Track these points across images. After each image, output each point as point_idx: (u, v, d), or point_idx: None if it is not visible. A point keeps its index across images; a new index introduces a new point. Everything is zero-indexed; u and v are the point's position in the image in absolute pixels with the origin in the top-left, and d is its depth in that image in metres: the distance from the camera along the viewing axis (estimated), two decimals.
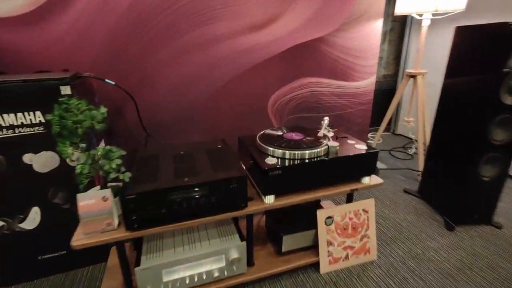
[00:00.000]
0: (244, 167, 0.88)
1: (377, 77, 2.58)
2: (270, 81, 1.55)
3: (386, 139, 2.43)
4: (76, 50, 1.10)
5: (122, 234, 0.72)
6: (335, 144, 0.90)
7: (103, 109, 0.75)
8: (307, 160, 0.85)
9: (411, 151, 2.12)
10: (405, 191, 1.54)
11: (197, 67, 1.34)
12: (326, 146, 0.90)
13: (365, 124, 1.92)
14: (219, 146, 0.98)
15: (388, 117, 1.89)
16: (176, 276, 0.82)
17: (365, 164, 0.93)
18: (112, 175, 0.73)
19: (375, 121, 2.61)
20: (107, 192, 0.72)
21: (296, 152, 0.86)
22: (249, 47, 1.40)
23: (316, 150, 0.87)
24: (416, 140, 2.20)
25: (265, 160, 0.84)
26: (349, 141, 1.00)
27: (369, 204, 1.05)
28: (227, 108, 1.49)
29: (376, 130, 2.55)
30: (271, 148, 0.88)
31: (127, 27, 1.16)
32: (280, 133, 1.01)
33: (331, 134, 1.05)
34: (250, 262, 0.95)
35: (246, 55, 1.40)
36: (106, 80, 1.03)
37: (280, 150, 0.87)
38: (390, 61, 2.62)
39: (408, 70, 1.70)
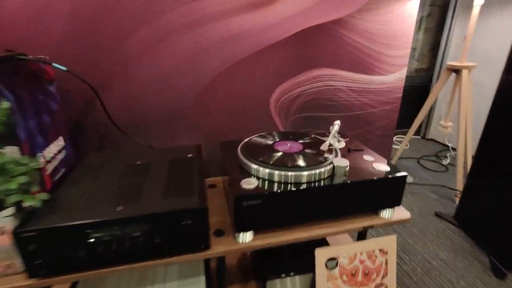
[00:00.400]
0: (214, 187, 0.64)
1: (407, 71, 2.22)
2: (274, 72, 1.28)
3: (415, 144, 2.08)
4: (35, 30, 0.90)
5: (25, 282, 0.51)
6: (344, 163, 0.63)
7: (4, 104, 0.53)
8: (303, 185, 0.60)
9: (446, 161, 1.77)
10: (438, 215, 1.24)
11: (182, 54, 1.10)
12: (332, 165, 0.63)
13: (390, 127, 1.59)
14: (189, 156, 0.74)
15: (420, 120, 1.56)
16: None
17: (387, 192, 0.65)
18: (14, 199, 0.52)
19: (402, 122, 2.27)
20: (6, 222, 0.51)
21: (288, 173, 0.60)
22: (247, 29, 1.13)
23: (316, 171, 0.61)
24: (454, 149, 1.84)
25: (241, 183, 0.59)
26: (366, 157, 0.72)
27: (389, 242, 0.77)
28: (220, 105, 1.24)
29: (402, 133, 2.21)
30: (254, 166, 0.63)
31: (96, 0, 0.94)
32: (270, 141, 0.75)
33: (341, 144, 0.78)
34: None
35: (244, 40, 1.14)
36: (55, 64, 0.82)
37: (265, 169, 0.62)
38: (424, 53, 2.24)
39: (450, 63, 1.36)
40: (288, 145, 0.72)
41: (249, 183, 0.60)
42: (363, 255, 0.76)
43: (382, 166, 0.67)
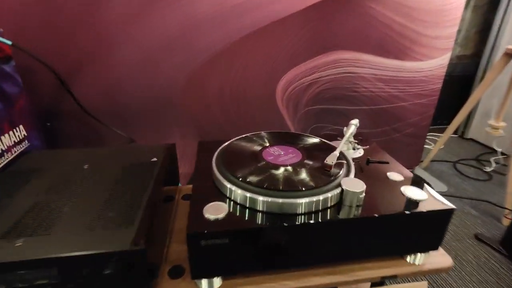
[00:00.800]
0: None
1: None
2: (282, 55, 1.06)
3: (451, 145, 1.79)
4: None
5: None
6: (358, 187, 0.42)
7: None
8: (294, 219, 0.40)
9: (490, 168, 1.48)
10: (479, 239, 0.99)
11: (170, 30, 0.91)
12: (340, 189, 0.43)
13: (423, 125, 1.34)
14: (152, 160, 0.56)
15: (463, 116, 1.29)
16: None
17: (421, 231, 0.44)
18: None
19: (437, 117, 1.97)
20: None
21: (274, 200, 0.41)
22: (248, 0, 0.92)
23: (313, 199, 0.41)
24: (505, 155, 1.54)
25: (204, 210, 0.41)
26: (392, 175, 0.51)
27: None
28: (215, 93, 1.05)
29: (436, 131, 1.91)
30: (227, 184, 0.44)
31: None
32: (258, 146, 0.56)
33: (357, 154, 0.57)
34: None
35: (246, 14, 0.93)
36: None
37: (239, 190, 0.43)
38: (470, 36, 1.90)
39: (510, 47, 1.07)
40: (282, 152, 0.53)
41: (216, 211, 0.41)
42: None
43: (415, 192, 0.46)
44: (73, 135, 0.97)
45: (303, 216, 0.41)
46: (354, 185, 0.43)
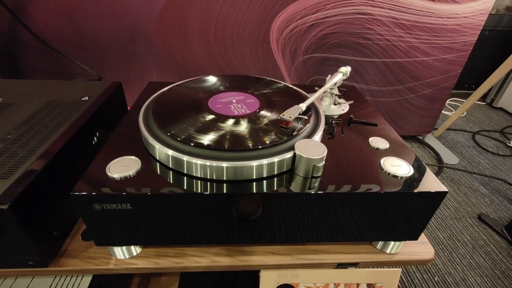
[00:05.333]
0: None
1: (496, 8, 1.58)
2: None
3: (475, 113, 1.58)
4: None
5: None
6: (316, 152, 0.31)
7: None
8: (224, 186, 0.30)
9: None
10: (481, 220, 0.88)
11: None
12: (292, 153, 0.32)
13: (445, 87, 1.15)
14: (82, 99, 0.46)
15: (495, 81, 1.09)
16: None
17: (399, 216, 0.34)
18: None
19: (464, 81, 1.72)
20: None
21: (200, 161, 0.30)
22: None
23: (253, 164, 0.30)
24: None
25: (108, 166, 0.32)
26: (375, 142, 0.38)
27: (388, 277, 0.48)
28: (195, 30, 0.90)
29: (461, 96, 1.69)
30: (149, 137, 0.34)
31: None
32: (209, 91, 0.43)
33: (340, 111, 0.45)
34: None
35: None
36: None
37: (159, 146, 0.32)
38: None
39: None
40: (234, 100, 0.40)
41: (124, 167, 0.32)
42: None
43: (398, 165, 0.34)
44: (39, 68, 0.87)
45: (232, 184, 0.31)
46: (311, 149, 0.32)
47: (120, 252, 0.36)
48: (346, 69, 0.47)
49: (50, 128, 0.39)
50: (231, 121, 0.36)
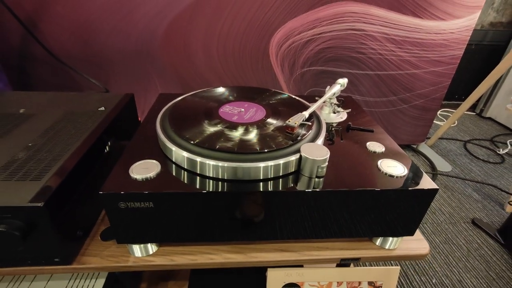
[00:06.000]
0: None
1: (481, 24, 1.66)
2: (277, 2, 0.93)
3: (466, 123, 1.64)
4: None
5: None
6: (320, 154, 0.34)
7: None
8: (233, 186, 0.34)
9: (504, 150, 1.36)
10: (475, 224, 0.92)
11: None
12: (298, 156, 0.35)
13: (436, 98, 1.21)
14: (99, 109, 0.49)
15: (483, 91, 1.15)
16: None
17: (396, 212, 0.37)
18: None
19: (454, 92, 1.79)
20: None
21: (214, 162, 0.34)
22: None
23: (261, 165, 0.34)
24: None
25: (132, 168, 0.35)
26: (372, 146, 0.42)
27: (387, 275, 0.51)
28: (199, 46, 0.94)
29: (450, 107, 1.76)
30: (166, 142, 0.37)
31: None
32: (218, 101, 0.47)
33: (337, 118, 0.49)
34: None
35: None
36: None
37: (177, 150, 0.35)
38: (510, 1, 1.65)
39: None
40: (242, 109, 0.44)
41: (146, 169, 0.35)
42: (342, 287, 0.51)
43: (394, 166, 0.37)
44: (48, 81, 0.91)
45: (243, 184, 0.34)
46: (315, 151, 0.35)
47: (138, 250, 0.38)
48: (343, 81, 0.52)
49: (72, 135, 0.42)
50: (240, 127, 0.40)
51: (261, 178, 0.35)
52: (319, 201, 0.35)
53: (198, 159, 0.34)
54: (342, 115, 0.51)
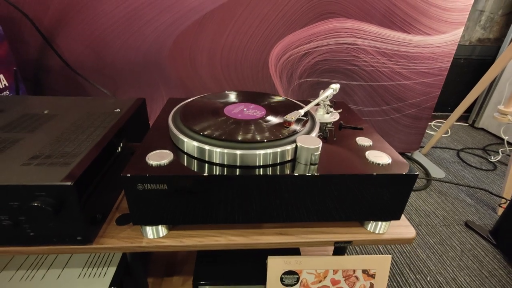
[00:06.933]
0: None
1: (469, 40, 1.76)
2: (277, 18, 1.01)
3: (459, 133, 1.70)
4: None
5: None
6: (313, 143, 0.39)
7: None
8: (237, 170, 0.38)
9: (495, 158, 1.40)
10: (468, 226, 0.95)
11: None
12: (294, 145, 0.40)
13: (426, 107, 1.27)
14: (115, 111, 0.55)
15: (471, 100, 1.21)
16: None
17: (381, 197, 0.41)
18: None
19: (447, 104, 1.86)
20: None
21: (217, 149, 0.39)
22: None
23: (260, 153, 0.38)
24: (510, 144, 1.47)
25: (148, 156, 0.39)
26: (361, 140, 0.47)
27: (380, 263, 0.54)
28: (204, 57, 1.01)
29: (444, 118, 1.82)
30: (178, 134, 0.42)
31: None
32: (223, 103, 0.53)
33: (330, 118, 0.54)
34: None
35: None
36: None
37: (187, 140, 0.40)
38: (496, 19, 1.75)
39: None
40: (245, 109, 0.50)
41: (160, 157, 0.39)
42: (338, 274, 0.54)
43: (379, 156, 0.42)
44: (60, 91, 0.97)
45: (245, 169, 0.39)
46: (309, 142, 0.40)
47: (150, 232, 0.42)
48: (336, 86, 0.57)
49: (92, 131, 0.47)
50: (243, 122, 0.45)
51: (261, 164, 0.39)
52: (313, 185, 0.39)
53: (207, 147, 0.39)
54: (334, 116, 0.56)
